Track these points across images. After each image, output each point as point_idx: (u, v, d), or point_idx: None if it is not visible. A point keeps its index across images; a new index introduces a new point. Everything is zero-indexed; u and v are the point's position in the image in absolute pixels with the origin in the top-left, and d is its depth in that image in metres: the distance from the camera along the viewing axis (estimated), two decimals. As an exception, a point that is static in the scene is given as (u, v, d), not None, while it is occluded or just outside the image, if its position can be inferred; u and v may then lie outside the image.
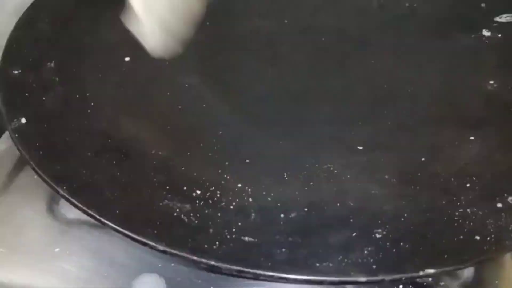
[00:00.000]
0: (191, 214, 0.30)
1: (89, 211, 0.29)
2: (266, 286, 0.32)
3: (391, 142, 0.37)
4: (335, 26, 0.48)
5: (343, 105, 0.41)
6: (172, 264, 0.33)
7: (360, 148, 0.36)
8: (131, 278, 0.32)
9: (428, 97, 0.41)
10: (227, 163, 0.34)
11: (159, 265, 0.33)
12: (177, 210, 0.30)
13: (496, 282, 0.34)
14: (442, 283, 0.33)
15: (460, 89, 0.41)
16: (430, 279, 0.33)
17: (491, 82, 0.41)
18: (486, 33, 0.46)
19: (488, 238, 0.28)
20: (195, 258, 0.27)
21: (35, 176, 0.32)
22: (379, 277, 0.26)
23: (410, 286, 0.33)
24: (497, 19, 0.47)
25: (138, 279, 0.31)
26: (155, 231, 0.28)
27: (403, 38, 0.47)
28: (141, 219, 0.30)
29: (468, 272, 0.34)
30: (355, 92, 0.41)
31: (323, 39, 0.47)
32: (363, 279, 0.26)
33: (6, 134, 0.41)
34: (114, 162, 0.34)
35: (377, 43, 0.46)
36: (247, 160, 0.35)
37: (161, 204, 0.31)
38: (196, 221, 0.30)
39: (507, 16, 0.47)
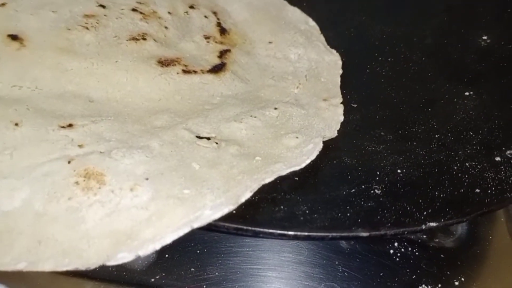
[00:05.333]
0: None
1: None
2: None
3: (386, 98, 0.36)
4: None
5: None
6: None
7: (355, 105, 0.35)
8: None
9: (422, 53, 0.40)
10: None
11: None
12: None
13: (490, 237, 0.34)
14: (436, 240, 0.33)
15: (454, 44, 0.40)
16: (424, 236, 0.33)
17: (485, 37, 0.41)
18: (479, -13, 0.45)
19: (489, 191, 0.28)
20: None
21: None
22: (382, 232, 0.26)
23: (405, 243, 0.33)
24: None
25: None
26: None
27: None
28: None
29: (462, 229, 0.34)
30: (349, 50, 0.39)
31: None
32: (365, 234, 0.25)
33: None
34: None
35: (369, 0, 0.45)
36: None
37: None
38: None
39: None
